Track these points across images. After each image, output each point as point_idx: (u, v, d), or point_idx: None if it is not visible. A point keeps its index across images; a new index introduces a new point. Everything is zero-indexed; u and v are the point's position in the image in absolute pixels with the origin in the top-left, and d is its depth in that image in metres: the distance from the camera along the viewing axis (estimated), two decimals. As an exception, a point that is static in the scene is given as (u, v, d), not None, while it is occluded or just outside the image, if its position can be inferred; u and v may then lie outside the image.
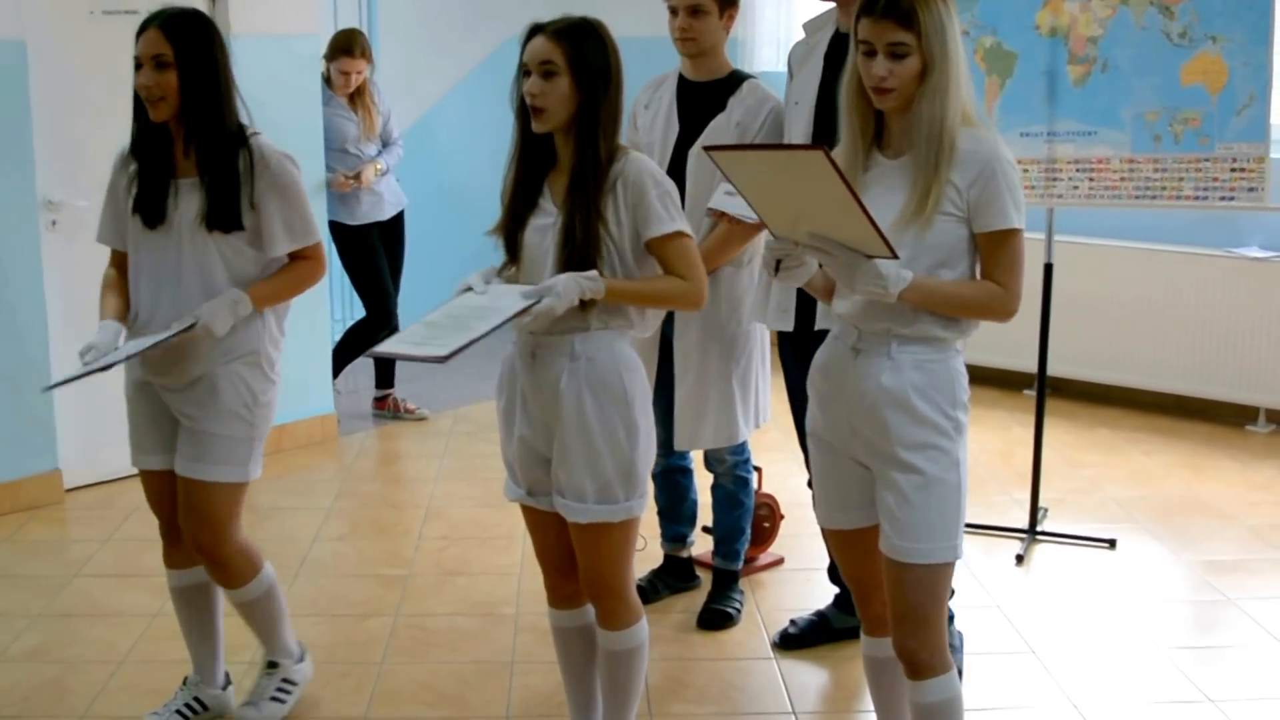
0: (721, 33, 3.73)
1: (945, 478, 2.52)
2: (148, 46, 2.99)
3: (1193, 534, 4.62)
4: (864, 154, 2.56)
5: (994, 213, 2.47)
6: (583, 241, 2.71)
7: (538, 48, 2.74)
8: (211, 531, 3.11)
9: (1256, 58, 4.04)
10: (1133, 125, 4.20)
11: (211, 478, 3.08)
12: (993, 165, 2.47)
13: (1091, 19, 4.22)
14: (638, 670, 2.97)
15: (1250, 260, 5.65)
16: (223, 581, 3.23)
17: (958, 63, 2.47)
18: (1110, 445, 5.56)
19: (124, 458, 4.88)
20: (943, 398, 2.53)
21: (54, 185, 4.80)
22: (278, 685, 3.38)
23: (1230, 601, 4.06)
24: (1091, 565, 4.35)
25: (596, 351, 2.78)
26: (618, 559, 2.88)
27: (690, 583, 4.15)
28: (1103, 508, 4.84)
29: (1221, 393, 5.80)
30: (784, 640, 3.78)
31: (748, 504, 4.01)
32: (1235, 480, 5.16)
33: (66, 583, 4.20)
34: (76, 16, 4.80)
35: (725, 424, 3.79)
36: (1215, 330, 5.74)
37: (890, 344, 2.52)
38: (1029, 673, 3.60)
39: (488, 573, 4.26)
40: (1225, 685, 3.53)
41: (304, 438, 5.44)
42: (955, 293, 2.49)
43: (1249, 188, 4.09)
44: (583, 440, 2.77)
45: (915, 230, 2.47)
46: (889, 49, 2.43)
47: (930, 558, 2.52)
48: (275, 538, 4.61)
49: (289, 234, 3.07)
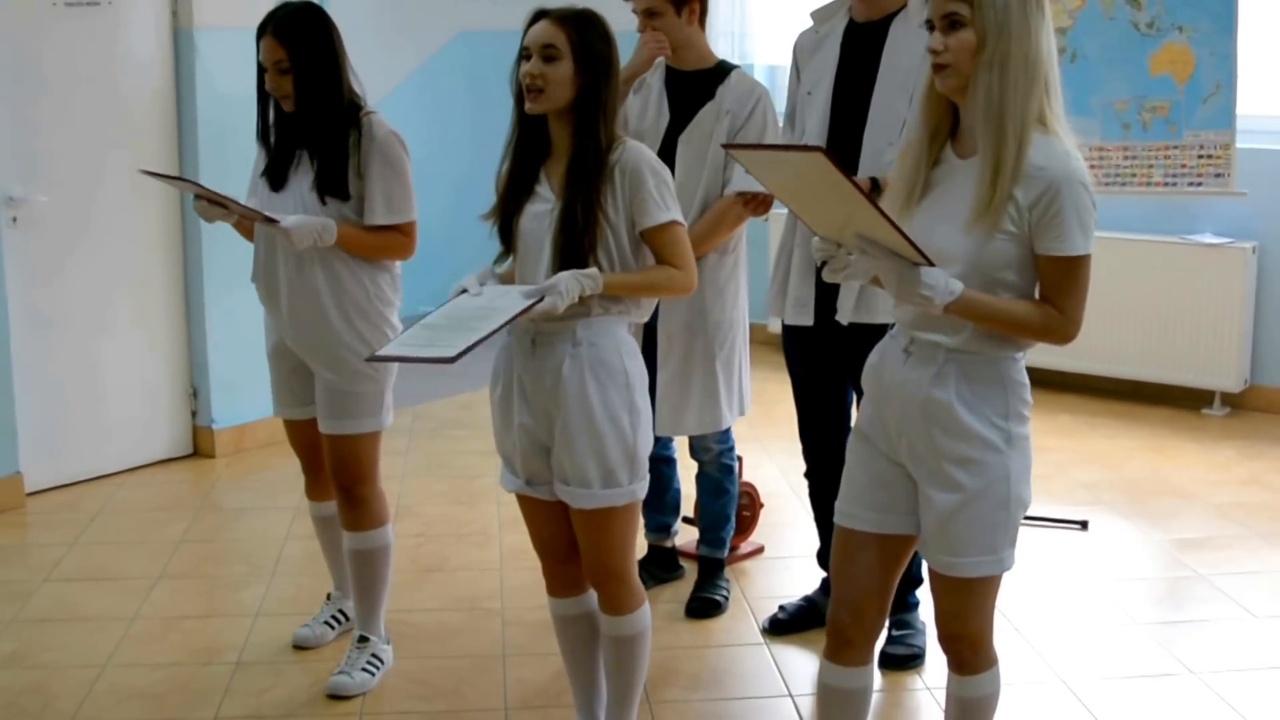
0: (687, 29, 3.77)
1: (990, 491, 2.42)
2: (268, 54, 3.30)
3: (1160, 513, 4.76)
4: (930, 148, 2.44)
5: (1056, 237, 2.32)
6: (583, 227, 2.74)
7: (541, 31, 2.77)
8: (354, 476, 3.49)
9: (1222, 47, 4.20)
10: (1102, 114, 4.34)
11: (350, 431, 3.45)
12: (1058, 185, 2.30)
13: (1061, 10, 4.35)
14: (642, 654, 3.00)
15: (1204, 247, 5.80)
16: (356, 523, 3.52)
17: (1026, 44, 2.31)
18: (1073, 430, 5.69)
19: (86, 460, 5.05)
20: (992, 408, 2.42)
21: (14, 181, 4.73)
22: (368, 659, 3.55)
23: (1201, 577, 4.19)
24: (1066, 546, 4.46)
25: (598, 336, 2.80)
26: (622, 543, 2.92)
27: (675, 572, 4.17)
28: (1071, 491, 4.96)
29: (1178, 377, 5.94)
30: (773, 625, 3.82)
31: (733, 491, 4.05)
32: (1196, 461, 5.30)
33: (36, 588, 4.13)
34: (39, 9, 4.74)
35: (709, 410, 3.82)
36: (1171, 316, 5.88)
37: (939, 350, 2.42)
38: (1015, 649, 3.68)
39: (467, 568, 4.26)
40: (1203, 657, 3.65)
41: (264, 437, 5.39)
42: (1008, 311, 2.36)
43: (1216, 174, 4.23)
44: (587, 425, 2.79)
45: (976, 240, 2.35)
46: (944, 20, 2.33)
47: (973, 571, 2.46)
48: (247, 537, 4.59)
49: (387, 206, 3.35)
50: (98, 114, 4.93)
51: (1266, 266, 5.80)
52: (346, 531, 3.54)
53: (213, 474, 5.22)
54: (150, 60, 5.04)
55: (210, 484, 5.12)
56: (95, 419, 5.06)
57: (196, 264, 5.22)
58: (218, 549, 4.52)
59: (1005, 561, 2.48)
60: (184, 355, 5.31)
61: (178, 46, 5.09)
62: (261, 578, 4.21)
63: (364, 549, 3.52)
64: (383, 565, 3.57)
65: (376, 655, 3.56)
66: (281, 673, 3.58)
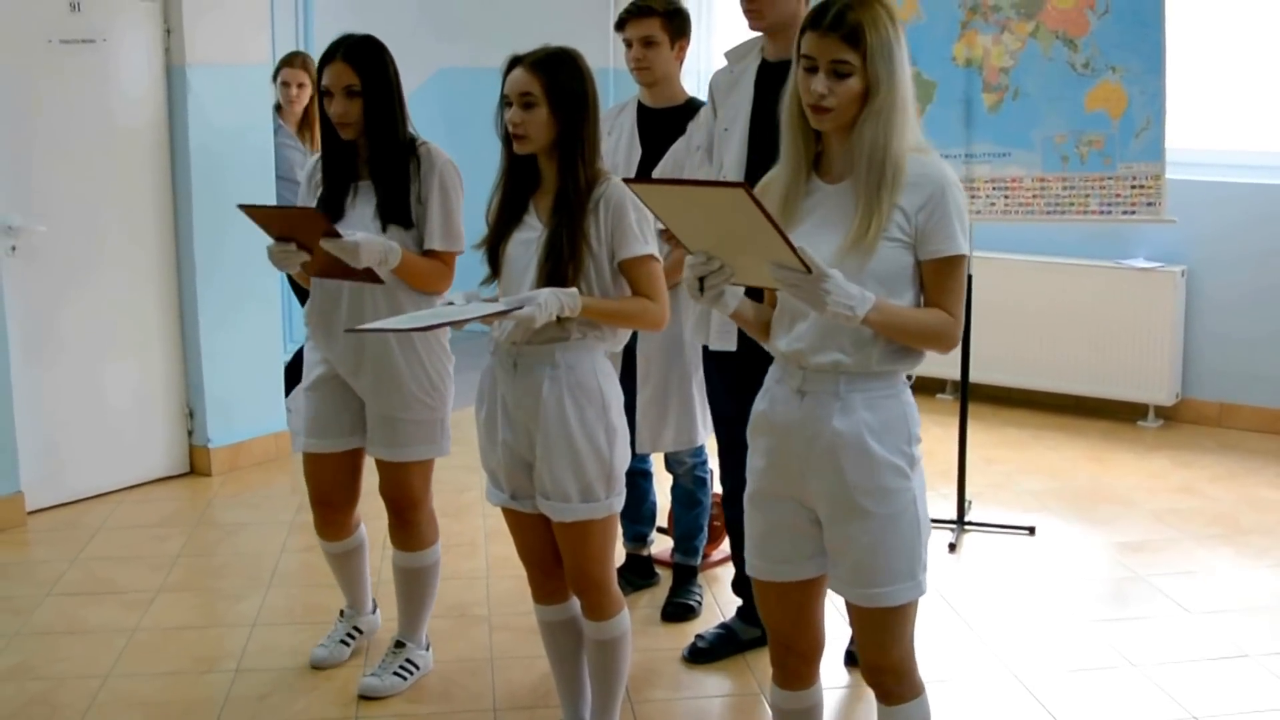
0: (674, 63, 3.97)
1: (903, 517, 2.42)
2: (337, 78, 3.29)
3: (1101, 519, 4.99)
4: (805, 179, 2.46)
5: (943, 238, 2.38)
6: (567, 255, 2.87)
7: (517, 79, 2.89)
8: (408, 501, 3.54)
9: (1151, 86, 4.44)
10: (1042, 147, 4.56)
11: (406, 458, 3.48)
12: (943, 188, 2.37)
13: (1003, 51, 4.58)
14: (623, 656, 3.14)
15: (1138, 270, 6.04)
16: (407, 544, 3.60)
17: (904, 88, 2.36)
18: (1020, 443, 5.92)
19: (86, 479, 5.14)
20: (898, 436, 2.42)
21: (13, 211, 4.83)
22: (401, 663, 3.64)
23: (1140, 578, 4.42)
24: (1016, 550, 4.68)
25: (576, 360, 2.94)
26: (601, 554, 3.04)
27: (650, 579, 4.36)
28: (1019, 499, 5.19)
29: (1115, 392, 6.16)
30: (693, 654, 3.84)
31: (706, 502, 4.24)
32: (1133, 470, 5.54)
33: (39, 602, 4.23)
34: (36, 46, 4.85)
35: (685, 428, 4.01)
36: (1108, 335, 6.09)
37: (838, 383, 2.41)
38: (969, 648, 3.89)
39: (455, 577, 4.39)
40: (1143, 651, 3.86)
41: (259, 455, 5.54)
42: (913, 318, 2.38)
43: (1148, 202, 4.50)
44: (565, 444, 2.92)
45: (858, 258, 2.36)
46: (831, 66, 2.33)
47: (895, 599, 2.44)
48: (242, 551, 4.70)
49: (444, 232, 3.36)
50: (94, 147, 5.03)
51: (1195, 288, 6.03)
52: (396, 550, 3.61)
53: (209, 491, 5.30)
54: (144, 95, 5.15)
55: (206, 501, 5.21)
56: (94, 439, 5.14)
57: (191, 289, 5.31)
58: (215, 563, 4.62)
59: (922, 585, 2.47)
60: (180, 377, 5.39)
61: (170, 82, 5.19)
62: (258, 589, 4.33)
63: (413, 567, 3.61)
64: (430, 581, 3.65)
65: (411, 660, 3.65)
66: (279, 679, 3.69)
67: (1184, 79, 5.24)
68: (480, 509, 4.97)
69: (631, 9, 3.97)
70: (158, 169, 5.24)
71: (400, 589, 3.67)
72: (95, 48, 5.00)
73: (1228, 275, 5.99)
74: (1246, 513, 5.05)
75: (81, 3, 4.93)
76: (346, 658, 3.78)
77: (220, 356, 5.40)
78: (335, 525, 3.67)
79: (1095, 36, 4.47)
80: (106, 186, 5.11)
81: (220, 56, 5.22)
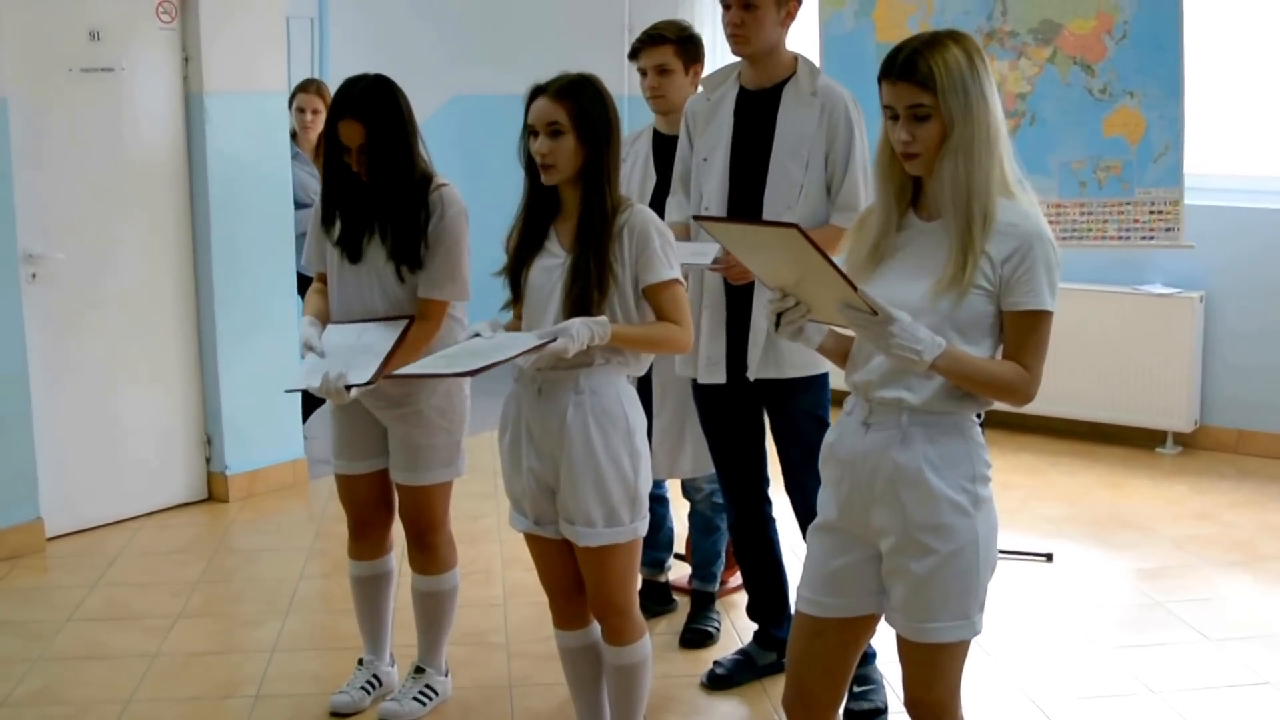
0: (689, 90, 3.98)
1: (961, 555, 2.39)
2: (350, 137, 3.28)
3: (1119, 545, 4.98)
4: (898, 215, 2.47)
5: (1025, 291, 2.34)
6: (593, 282, 2.88)
7: (543, 109, 2.90)
8: (427, 523, 3.58)
9: (1170, 111, 4.46)
10: (1060, 173, 4.58)
11: (424, 482, 3.52)
12: (1031, 241, 2.34)
13: (1020, 77, 4.61)
14: (643, 682, 3.14)
15: (1156, 296, 6.02)
16: (426, 567, 3.63)
17: (985, 124, 2.34)
18: (1035, 469, 5.90)
19: (104, 506, 5.18)
20: (959, 471, 2.40)
21: (34, 239, 4.87)
22: (420, 689, 3.66)
23: (1159, 604, 4.41)
24: (1033, 576, 4.67)
25: (600, 386, 2.95)
26: (624, 578, 3.05)
27: (668, 606, 4.36)
28: (1035, 525, 5.17)
29: (1133, 419, 6.14)
30: (711, 681, 3.84)
31: (723, 528, 4.22)
32: (1151, 497, 5.52)
33: (59, 628, 4.25)
34: (56, 75, 4.90)
35: (701, 454, 4.00)
36: (1125, 361, 6.07)
37: (901, 416, 2.40)
38: (989, 673, 3.88)
39: (472, 605, 4.39)
40: (1162, 678, 3.85)
41: (276, 482, 5.57)
42: (984, 369, 2.36)
43: (1166, 228, 4.51)
44: (590, 469, 2.93)
45: (950, 301, 2.36)
46: (909, 112, 2.35)
47: (945, 636, 2.42)
48: (261, 577, 4.72)
49: (447, 281, 3.37)
50: (113, 175, 5.07)
51: (1213, 314, 6.01)
52: (415, 574, 3.63)
53: (226, 518, 5.33)
54: (162, 123, 5.19)
55: (225, 527, 5.24)
56: (113, 466, 5.17)
57: (209, 316, 5.34)
58: (234, 589, 4.64)
59: (976, 625, 2.44)
60: (198, 404, 5.42)
61: (189, 110, 5.23)
62: (277, 615, 4.35)
63: (432, 591, 3.63)
64: (449, 605, 3.67)
65: (430, 686, 3.67)
66: (299, 705, 3.71)
67: (1202, 104, 5.23)
68: (497, 536, 4.98)
69: (645, 38, 4.00)
70: (176, 196, 5.28)
71: (420, 614, 3.68)
72: (115, 76, 5.05)
73: (1247, 301, 5.98)
74: (1265, 539, 5.03)
75: (101, 31, 4.98)
76: (367, 706, 3.71)
77: (238, 384, 5.43)
78: (370, 543, 3.68)
79: (1113, 62, 4.49)
80: (125, 214, 5.15)
81: (237, 84, 5.28)
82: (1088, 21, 4.57)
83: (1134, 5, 4.54)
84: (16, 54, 4.77)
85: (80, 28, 4.94)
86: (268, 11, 5.40)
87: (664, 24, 4.02)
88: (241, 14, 5.29)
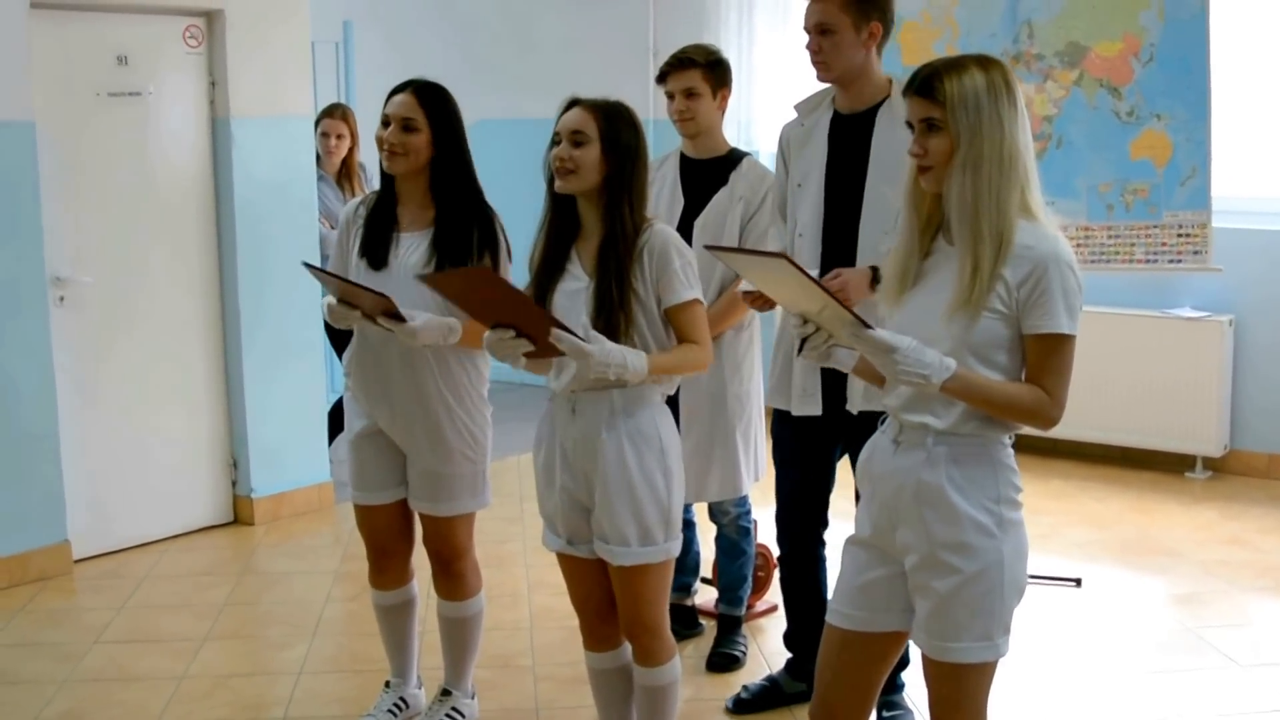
0: (717, 113, 4.00)
1: (984, 576, 2.39)
2: (401, 108, 3.29)
3: (1149, 570, 4.95)
4: (922, 240, 2.48)
5: (1042, 315, 2.35)
6: (619, 305, 2.89)
7: (572, 117, 2.93)
8: (452, 552, 3.56)
9: (1197, 134, 4.45)
10: (1087, 196, 4.57)
11: (451, 513, 3.50)
12: (1046, 264, 2.33)
13: (1047, 100, 4.60)
14: (673, 704, 3.13)
15: (1184, 320, 5.99)
16: (452, 594, 3.62)
17: (999, 141, 2.35)
18: (1064, 494, 5.88)
19: (131, 528, 5.19)
20: (982, 492, 2.40)
21: (61, 263, 4.91)
22: (448, 711, 3.66)
23: (1189, 630, 4.37)
24: (1063, 601, 4.64)
25: (635, 405, 2.95)
26: (656, 598, 3.04)
27: (694, 629, 4.35)
28: (1065, 550, 5.15)
29: (1162, 443, 6.10)
30: (737, 706, 3.82)
31: (750, 552, 4.22)
32: (1181, 522, 5.49)
33: (87, 649, 4.27)
34: (84, 99, 4.95)
35: (729, 477, 4.00)
36: (1154, 386, 6.03)
37: (928, 438, 2.42)
38: (1022, 697, 3.85)
39: (499, 628, 4.39)
40: (1192, 704, 3.83)
41: (302, 505, 5.58)
42: (999, 391, 2.36)
43: (1194, 251, 4.49)
44: (625, 488, 2.93)
45: (962, 323, 2.37)
46: (922, 124, 2.39)
47: (967, 657, 2.42)
48: (288, 600, 4.73)
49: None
50: (140, 199, 5.11)
51: (1243, 338, 5.98)
52: (441, 600, 3.63)
53: (252, 540, 5.35)
54: (189, 147, 5.23)
55: (251, 550, 5.26)
56: (139, 489, 5.19)
57: (235, 339, 5.36)
58: (260, 611, 4.66)
59: (1000, 648, 2.44)
60: (224, 427, 5.44)
61: (215, 135, 5.27)
62: (304, 638, 4.36)
63: (458, 616, 3.63)
64: (475, 629, 3.66)
65: (457, 709, 3.67)
66: None
67: (1230, 126, 5.23)
68: (522, 559, 4.97)
69: (673, 61, 4.01)
70: (203, 220, 5.32)
71: (446, 638, 3.68)
72: (142, 100, 5.10)
73: (1276, 324, 5.94)
74: (1297, 565, 5.00)
75: (129, 56, 5.03)
76: None
77: (264, 407, 5.45)
78: (391, 573, 3.65)
79: (1139, 84, 4.49)
80: (152, 238, 5.19)
81: (264, 109, 5.31)
82: (1114, 44, 4.57)
83: (1160, 28, 4.53)
84: (45, 78, 4.82)
85: (108, 52, 4.99)
86: (293, 36, 5.44)
87: (693, 48, 4.03)
88: (268, 39, 5.33)
